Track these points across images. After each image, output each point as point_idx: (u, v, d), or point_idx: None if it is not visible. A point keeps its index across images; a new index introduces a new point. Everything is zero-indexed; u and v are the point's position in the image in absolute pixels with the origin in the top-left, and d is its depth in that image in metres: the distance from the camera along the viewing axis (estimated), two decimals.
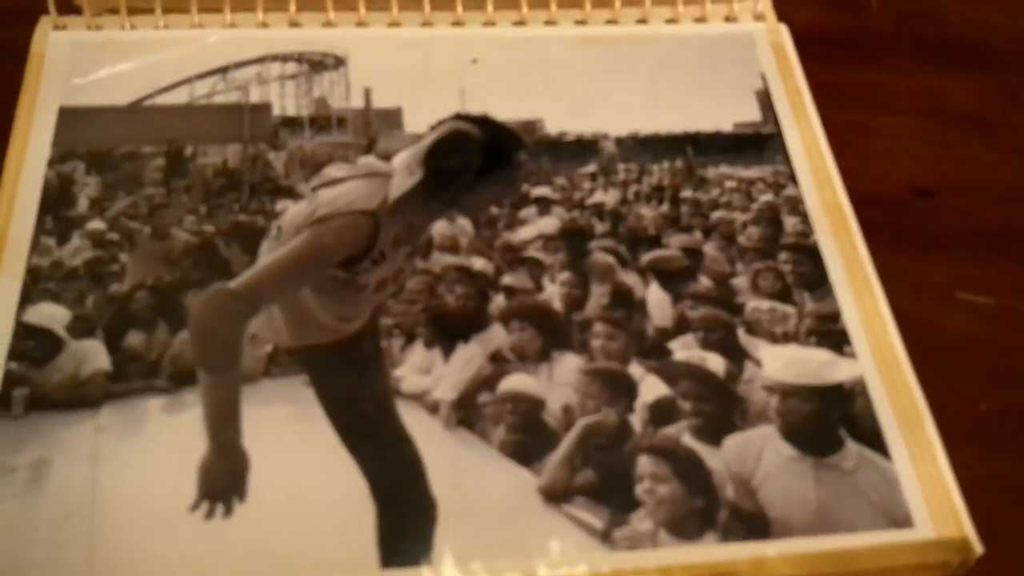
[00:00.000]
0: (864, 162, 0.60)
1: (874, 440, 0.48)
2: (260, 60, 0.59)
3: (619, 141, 0.59)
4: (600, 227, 0.55)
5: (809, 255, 0.54)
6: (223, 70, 0.59)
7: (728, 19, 0.65)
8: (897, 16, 0.71)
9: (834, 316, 0.52)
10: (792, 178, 0.58)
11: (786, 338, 0.51)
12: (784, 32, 0.65)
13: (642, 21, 0.65)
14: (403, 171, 0.52)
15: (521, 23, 0.64)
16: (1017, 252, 0.60)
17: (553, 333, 0.50)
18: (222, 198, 0.54)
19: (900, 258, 0.56)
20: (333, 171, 0.54)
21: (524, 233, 0.55)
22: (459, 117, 0.56)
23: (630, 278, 0.53)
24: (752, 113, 0.61)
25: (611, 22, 0.64)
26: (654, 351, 0.50)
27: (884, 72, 0.68)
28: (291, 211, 0.52)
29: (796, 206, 0.57)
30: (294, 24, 0.62)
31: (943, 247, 0.59)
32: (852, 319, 0.52)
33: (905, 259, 0.57)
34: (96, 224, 0.52)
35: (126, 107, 0.56)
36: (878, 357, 0.51)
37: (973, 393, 0.53)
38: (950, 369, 0.52)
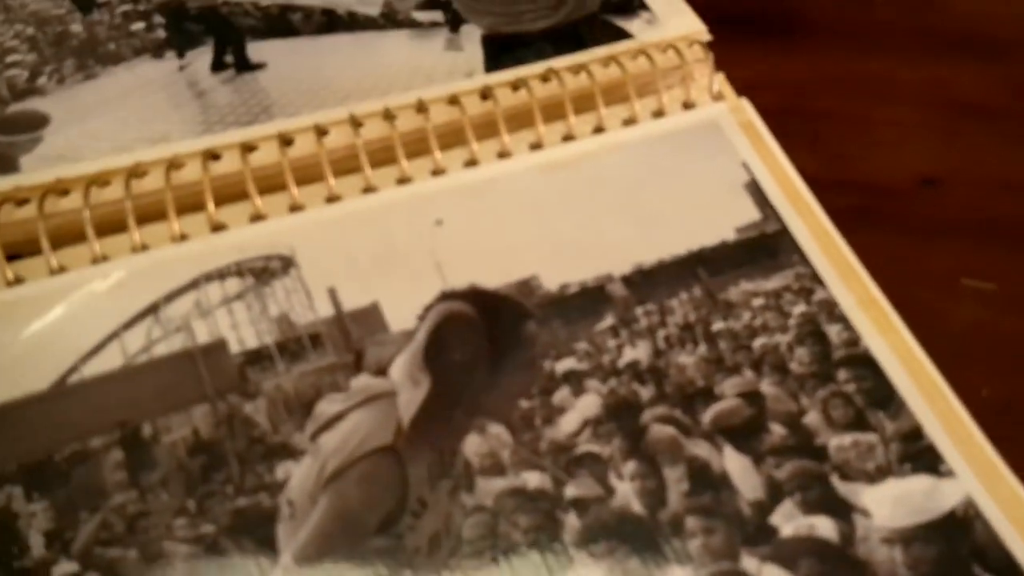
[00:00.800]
0: (870, 152, 0.60)
1: (1013, 571, 0.43)
2: (193, 285, 0.49)
3: (626, 281, 0.52)
4: (645, 392, 0.48)
5: (867, 366, 0.50)
6: (153, 309, 0.48)
7: (687, 105, 0.60)
8: (902, 6, 0.71)
9: (917, 432, 0.47)
10: (816, 278, 0.53)
11: (880, 473, 0.46)
12: (749, 109, 0.60)
13: (599, 129, 0.58)
14: (407, 383, 0.46)
15: (473, 163, 0.56)
16: (1022, 240, 0.59)
17: (644, 545, 0.43)
18: (209, 483, 0.43)
19: (905, 246, 0.55)
20: (327, 407, 0.46)
21: (567, 424, 0.47)
22: (445, 296, 0.49)
23: (700, 448, 0.46)
24: (750, 212, 0.55)
25: (568, 138, 0.57)
26: (759, 534, 0.44)
27: (889, 62, 0.67)
28: (296, 476, 0.43)
29: (833, 311, 0.51)
30: (217, 227, 0.51)
31: (948, 235, 0.58)
32: (935, 430, 0.48)
33: (910, 247, 0.56)
34: (65, 567, 0.40)
35: (49, 391, 0.45)
36: (976, 468, 0.46)
37: (977, 379, 0.51)
38: (954, 355, 0.50)
